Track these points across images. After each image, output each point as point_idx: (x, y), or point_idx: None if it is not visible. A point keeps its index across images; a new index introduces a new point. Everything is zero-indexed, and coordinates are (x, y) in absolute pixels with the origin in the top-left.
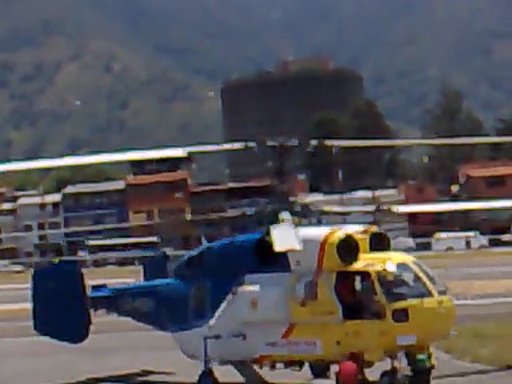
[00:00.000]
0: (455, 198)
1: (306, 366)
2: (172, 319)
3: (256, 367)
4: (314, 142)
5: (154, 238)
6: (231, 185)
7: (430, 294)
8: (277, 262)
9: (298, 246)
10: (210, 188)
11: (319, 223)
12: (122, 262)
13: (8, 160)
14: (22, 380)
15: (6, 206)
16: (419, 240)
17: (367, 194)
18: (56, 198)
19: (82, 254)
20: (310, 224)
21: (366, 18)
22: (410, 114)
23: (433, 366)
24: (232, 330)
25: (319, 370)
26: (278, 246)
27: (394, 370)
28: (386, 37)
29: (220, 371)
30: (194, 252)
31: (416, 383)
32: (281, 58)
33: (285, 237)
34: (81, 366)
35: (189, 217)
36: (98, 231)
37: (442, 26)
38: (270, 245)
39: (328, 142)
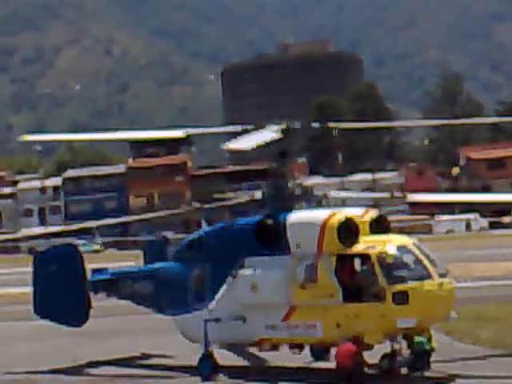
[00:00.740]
0: (456, 181)
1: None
2: (172, 302)
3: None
4: (315, 125)
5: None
6: (232, 168)
7: (430, 277)
8: (277, 244)
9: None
10: (211, 171)
11: (319, 206)
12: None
13: (9, 144)
14: (23, 363)
15: (6, 190)
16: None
17: (367, 176)
18: (56, 181)
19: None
20: (310, 207)
21: (366, 1)
22: (410, 97)
23: (433, 349)
24: (232, 313)
25: (319, 352)
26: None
27: (393, 353)
28: (385, 19)
29: (220, 354)
30: (194, 235)
31: (416, 366)
32: (280, 41)
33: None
34: (81, 350)
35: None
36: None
37: (441, 9)
38: (270, 227)
39: (330, 124)
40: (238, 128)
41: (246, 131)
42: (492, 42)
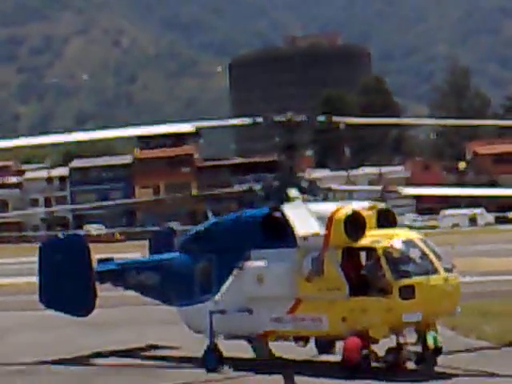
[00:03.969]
0: (462, 176)
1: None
2: (178, 294)
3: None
4: (321, 118)
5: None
6: (238, 160)
7: (436, 271)
8: (283, 237)
9: (319, 230)
10: (217, 163)
11: (326, 199)
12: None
13: (16, 134)
14: (28, 353)
15: (13, 179)
16: (426, 217)
17: (374, 170)
18: (63, 171)
19: (89, 228)
20: (317, 200)
21: None
22: (418, 91)
23: (440, 346)
24: (238, 305)
25: (325, 345)
26: (301, 231)
27: (399, 347)
28: (394, 13)
29: (225, 346)
30: (200, 227)
31: (422, 360)
32: (289, 34)
33: (304, 220)
34: (86, 340)
35: (194, 192)
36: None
37: (450, 3)
38: (276, 220)
39: (335, 119)
40: (247, 120)
41: (255, 123)
42: (500, 37)
